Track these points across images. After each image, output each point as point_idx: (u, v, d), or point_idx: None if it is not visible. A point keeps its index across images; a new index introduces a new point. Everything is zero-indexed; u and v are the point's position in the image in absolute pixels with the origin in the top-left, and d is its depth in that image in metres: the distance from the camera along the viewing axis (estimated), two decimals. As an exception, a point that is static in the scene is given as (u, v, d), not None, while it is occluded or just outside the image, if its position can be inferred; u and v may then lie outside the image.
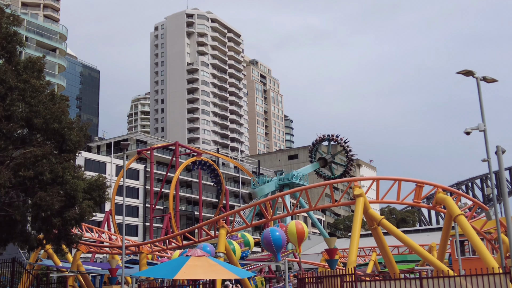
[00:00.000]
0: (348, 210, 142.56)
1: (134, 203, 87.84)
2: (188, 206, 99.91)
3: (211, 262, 19.40)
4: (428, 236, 67.57)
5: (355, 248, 22.88)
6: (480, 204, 31.69)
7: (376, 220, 25.32)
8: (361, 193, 24.91)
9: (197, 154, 73.44)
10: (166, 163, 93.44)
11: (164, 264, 22.33)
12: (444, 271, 19.30)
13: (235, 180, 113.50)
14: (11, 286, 24.06)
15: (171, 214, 62.33)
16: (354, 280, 17.53)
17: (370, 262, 39.69)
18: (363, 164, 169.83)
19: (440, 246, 28.18)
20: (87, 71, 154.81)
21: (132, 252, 35.92)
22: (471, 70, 21.27)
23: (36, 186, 19.23)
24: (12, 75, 19.47)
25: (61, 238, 20.91)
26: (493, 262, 21.23)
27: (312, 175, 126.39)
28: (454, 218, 25.10)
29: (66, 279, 32.14)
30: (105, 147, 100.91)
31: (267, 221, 29.58)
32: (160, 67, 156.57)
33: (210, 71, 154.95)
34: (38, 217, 19.81)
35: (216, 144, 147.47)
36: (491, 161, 20.80)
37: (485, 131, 20.71)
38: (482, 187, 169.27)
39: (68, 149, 20.43)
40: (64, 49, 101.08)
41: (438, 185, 27.59)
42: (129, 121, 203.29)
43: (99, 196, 21.50)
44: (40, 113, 19.48)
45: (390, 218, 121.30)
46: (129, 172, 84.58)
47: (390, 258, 25.63)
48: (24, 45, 22.15)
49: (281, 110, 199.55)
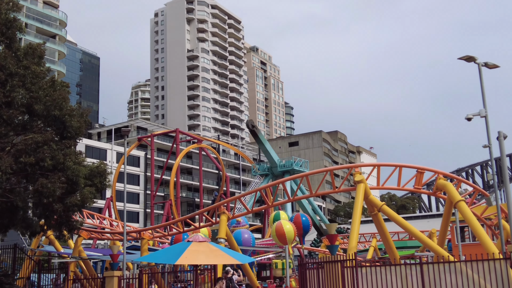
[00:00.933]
0: (348, 196, 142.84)
1: (135, 190, 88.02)
2: (188, 192, 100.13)
3: (212, 248, 19.47)
4: (428, 222, 67.68)
5: (355, 234, 22.94)
6: (481, 190, 31.72)
7: (377, 206, 25.38)
8: (362, 180, 24.93)
9: (197, 141, 73.49)
10: (166, 150, 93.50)
11: (166, 249, 22.43)
12: (444, 257, 19.36)
13: (236, 167, 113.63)
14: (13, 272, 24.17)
15: (172, 201, 62.47)
16: (354, 266, 17.59)
17: (370, 248, 39.84)
18: (364, 151, 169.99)
19: (440, 232, 28.25)
20: (87, 58, 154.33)
21: (133, 238, 36.04)
22: (473, 56, 21.21)
23: (37, 172, 19.23)
24: (13, 61, 19.40)
25: (63, 224, 20.95)
26: (493, 248, 21.30)
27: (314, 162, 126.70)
28: (455, 204, 25.14)
29: (67, 265, 32.27)
30: (105, 134, 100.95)
31: (267, 207, 29.67)
32: (160, 54, 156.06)
33: (210, 58, 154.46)
34: (39, 203, 19.83)
35: (217, 131, 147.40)
36: (492, 147, 20.80)
37: (486, 117, 20.68)
38: (482, 174, 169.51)
39: (69, 136, 20.41)
40: (64, 35, 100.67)
41: (438, 171, 27.61)
42: (129, 108, 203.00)
43: (101, 183, 21.51)
44: (40, 99, 19.44)
45: (390, 204, 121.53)
46: (130, 159, 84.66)
47: (390, 244, 25.71)
48: (24, 31, 22.03)
49: (282, 97, 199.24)
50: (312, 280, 19.05)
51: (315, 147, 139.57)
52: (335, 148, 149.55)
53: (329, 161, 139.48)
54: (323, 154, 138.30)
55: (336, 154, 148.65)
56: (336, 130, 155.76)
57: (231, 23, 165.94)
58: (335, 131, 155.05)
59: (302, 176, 28.61)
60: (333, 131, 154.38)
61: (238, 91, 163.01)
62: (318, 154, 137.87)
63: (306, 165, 63.89)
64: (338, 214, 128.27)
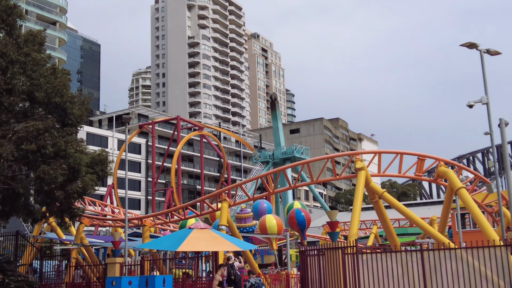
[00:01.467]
0: (349, 183, 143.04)
1: (136, 177, 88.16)
2: (190, 180, 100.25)
3: (213, 235, 19.54)
4: (429, 209, 67.85)
5: (356, 221, 23.01)
6: (482, 177, 31.74)
7: (378, 193, 25.42)
8: (363, 167, 24.96)
9: (198, 128, 73.50)
10: (167, 137, 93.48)
11: (167, 236, 22.51)
12: (445, 244, 19.42)
13: (237, 154, 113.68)
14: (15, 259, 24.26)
15: (173, 188, 62.63)
16: (355, 253, 17.65)
17: (371, 235, 39.96)
18: (365, 138, 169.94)
19: (441, 219, 28.32)
20: (88, 45, 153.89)
21: (135, 225, 36.18)
22: (475, 43, 21.12)
23: (39, 159, 19.23)
24: (13, 48, 19.32)
25: (64, 211, 21.01)
26: (494, 235, 21.36)
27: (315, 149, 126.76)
28: (456, 191, 25.18)
29: (69, 252, 32.40)
30: (106, 121, 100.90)
31: (269, 194, 29.74)
32: (161, 40, 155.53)
33: (211, 45, 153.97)
34: (41, 190, 19.86)
35: (218, 118, 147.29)
36: (494, 135, 20.78)
37: (488, 104, 20.64)
38: (483, 161, 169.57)
39: (70, 123, 20.38)
40: (64, 22, 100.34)
41: (439, 158, 27.63)
42: (130, 95, 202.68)
43: (102, 171, 21.52)
44: (41, 86, 19.38)
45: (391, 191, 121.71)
46: (131, 146, 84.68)
47: (391, 231, 25.79)
48: (24, 18, 21.95)
49: (283, 84, 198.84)
50: (312, 267, 19.12)
51: (316, 134, 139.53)
52: (336, 135, 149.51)
53: (330, 148, 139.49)
54: (324, 141, 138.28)
55: (337, 141, 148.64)
56: (338, 117, 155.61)
57: (232, 9, 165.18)
58: (336, 118, 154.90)
59: (303, 163, 28.64)
60: (334, 118, 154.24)
61: (239, 78, 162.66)
62: (319, 141, 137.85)
63: (307, 153, 63.91)
64: (339, 201, 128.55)
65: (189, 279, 22.11)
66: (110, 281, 18.74)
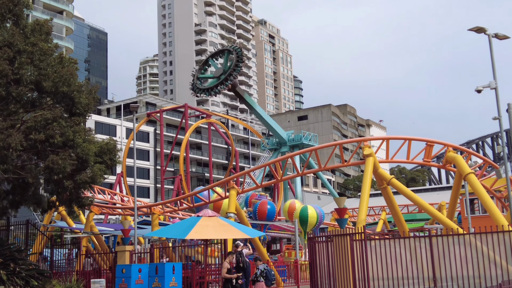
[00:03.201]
0: (357, 170, 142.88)
1: (145, 165, 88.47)
2: (198, 168, 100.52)
3: (222, 222, 19.61)
4: (438, 195, 67.72)
5: (364, 207, 23.00)
6: (491, 162, 31.60)
7: (386, 179, 25.38)
8: (371, 153, 24.90)
9: (206, 116, 73.52)
10: (175, 125, 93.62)
11: (176, 224, 22.63)
12: (454, 229, 19.41)
13: (245, 142, 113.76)
14: (26, 247, 24.50)
15: (182, 176, 62.84)
16: (363, 239, 17.67)
17: (379, 221, 39.97)
18: (373, 124, 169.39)
19: (450, 204, 28.28)
20: (95, 34, 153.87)
21: (144, 213, 36.34)
22: (483, 27, 20.93)
23: (48, 149, 19.32)
24: (20, 38, 19.36)
25: (73, 200, 21.14)
26: (502, 220, 21.31)
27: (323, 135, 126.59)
28: (464, 176, 25.10)
29: (79, 240, 32.65)
30: (114, 110, 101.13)
31: (277, 181, 29.73)
32: (168, 28, 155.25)
33: (218, 32, 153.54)
34: (50, 179, 19.98)
35: (226, 105, 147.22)
36: (502, 119, 20.66)
37: (496, 89, 20.51)
38: (493, 146, 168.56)
39: (78, 112, 20.43)
40: (71, 11, 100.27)
41: (448, 144, 27.50)
42: (137, 83, 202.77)
43: (110, 160, 21.58)
44: (49, 76, 19.42)
45: (400, 177, 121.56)
46: (139, 134, 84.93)
47: (399, 217, 25.78)
48: (31, 8, 21.96)
49: (290, 71, 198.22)
50: (321, 253, 19.18)
51: (324, 120, 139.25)
52: (345, 121, 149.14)
53: (338, 134, 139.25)
54: (332, 128, 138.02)
55: (345, 127, 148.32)
56: (346, 104, 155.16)
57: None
58: (344, 104, 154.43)
59: (311, 150, 28.60)
60: (342, 104, 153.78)
61: (246, 65, 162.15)
62: (327, 127, 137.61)
63: (315, 139, 63.66)
64: (347, 187, 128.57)
65: (198, 266, 22.26)
66: (120, 269, 18.89)
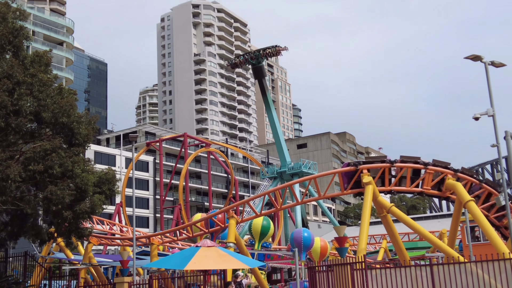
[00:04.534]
0: (358, 198, 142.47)
1: (144, 195, 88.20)
2: (198, 197, 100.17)
3: (221, 252, 19.48)
4: (439, 222, 67.42)
5: (365, 236, 22.88)
6: (490, 189, 31.50)
7: (386, 207, 25.31)
8: (370, 181, 24.89)
9: (205, 145, 73.61)
10: (175, 154, 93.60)
11: (175, 255, 22.47)
12: (455, 258, 19.28)
13: (244, 170, 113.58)
14: (24, 279, 24.28)
15: (181, 205, 62.62)
16: (364, 268, 17.55)
17: (380, 249, 39.65)
18: (372, 151, 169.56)
19: (450, 232, 28.15)
20: (95, 64, 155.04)
21: (143, 243, 36.12)
22: (479, 55, 21.11)
23: (46, 180, 19.31)
24: (20, 69, 19.50)
25: (72, 231, 21.04)
26: (503, 248, 21.19)
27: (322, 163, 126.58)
28: (464, 204, 25.03)
29: (78, 272, 32.41)
30: (114, 140, 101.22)
31: (276, 210, 29.65)
32: (167, 58, 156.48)
33: (217, 62, 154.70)
34: (49, 210, 19.92)
35: (225, 134, 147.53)
36: (500, 147, 20.69)
37: (494, 116, 20.57)
38: (493, 173, 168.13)
39: (77, 143, 20.48)
40: (71, 42, 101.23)
41: (447, 171, 27.49)
42: (137, 113, 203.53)
43: (109, 190, 21.56)
44: (48, 107, 19.52)
45: (400, 205, 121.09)
46: (139, 164, 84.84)
47: (400, 246, 25.64)
48: (31, 39, 22.16)
49: (289, 99, 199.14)
50: (322, 283, 19.01)
51: (324, 148, 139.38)
52: (344, 149, 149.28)
53: (338, 162, 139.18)
54: (332, 156, 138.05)
55: (345, 155, 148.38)
56: (345, 131, 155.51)
57: (237, 26, 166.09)
58: (343, 132, 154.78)
59: (310, 178, 28.59)
60: (342, 132, 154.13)
61: (245, 94, 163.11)
62: (327, 155, 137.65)
63: (315, 167, 63.63)
64: (348, 215, 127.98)
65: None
66: (118, 301, 18.70)
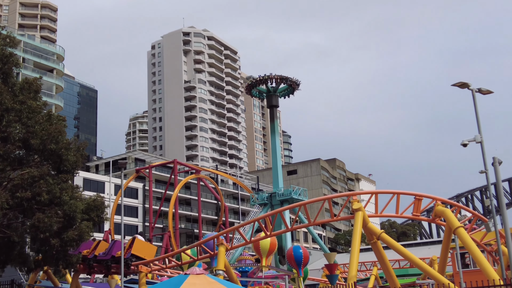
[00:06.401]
0: (348, 224, 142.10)
1: (133, 222, 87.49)
2: (187, 223, 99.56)
3: (210, 280, 19.29)
4: (429, 249, 67.27)
5: (355, 262, 22.77)
6: (479, 216, 31.63)
7: (376, 234, 25.25)
8: (360, 207, 24.87)
9: (195, 172, 73.37)
10: (165, 181, 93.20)
11: (163, 283, 22.21)
12: (445, 284, 19.21)
13: (234, 197, 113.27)
14: (10, 308, 23.90)
15: (171, 232, 62.08)
16: (354, 295, 17.43)
17: (371, 276, 39.43)
18: (362, 178, 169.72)
19: (440, 259, 28.06)
20: (85, 91, 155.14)
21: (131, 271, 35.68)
22: (466, 82, 21.34)
23: (34, 207, 19.17)
24: (9, 96, 19.51)
25: (60, 259, 20.80)
26: (494, 274, 21.13)
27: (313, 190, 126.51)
28: (454, 230, 25.04)
29: (65, 300, 31.93)
30: (103, 166, 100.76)
31: (266, 237, 29.50)
32: (158, 85, 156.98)
33: (207, 88, 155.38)
34: (36, 238, 19.73)
35: (215, 161, 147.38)
36: (489, 173, 20.80)
37: (482, 143, 20.73)
38: (482, 199, 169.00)
39: (66, 170, 20.41)
40: (62, 69, 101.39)
41: (436, 198, 27.56)
42: (127, 139, 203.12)
43: (98, 217, 21.43)
44: (37, 134, 19.50)
45: (391, 231, 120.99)
46: (128, 190, 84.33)
47: (390, 272, 25.51)
48: (20, 66, 22.22)
49: (279, 126, 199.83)
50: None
51: (314, 175, 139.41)
52: (334, 175, 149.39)
53: (328, 189, 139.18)
54: (322, 182, 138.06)
55: (335, 181, 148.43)
56: (335, 158, 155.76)
57: (228, 53, 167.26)
58: (333, 158, 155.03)
59: (300, 205, 28.53)
60: (331, 158, 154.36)
61: (235, 120, 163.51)
62: (317, 182, 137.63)
63: (305, 194, 63.56)
64: (338, 242, 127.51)
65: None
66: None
